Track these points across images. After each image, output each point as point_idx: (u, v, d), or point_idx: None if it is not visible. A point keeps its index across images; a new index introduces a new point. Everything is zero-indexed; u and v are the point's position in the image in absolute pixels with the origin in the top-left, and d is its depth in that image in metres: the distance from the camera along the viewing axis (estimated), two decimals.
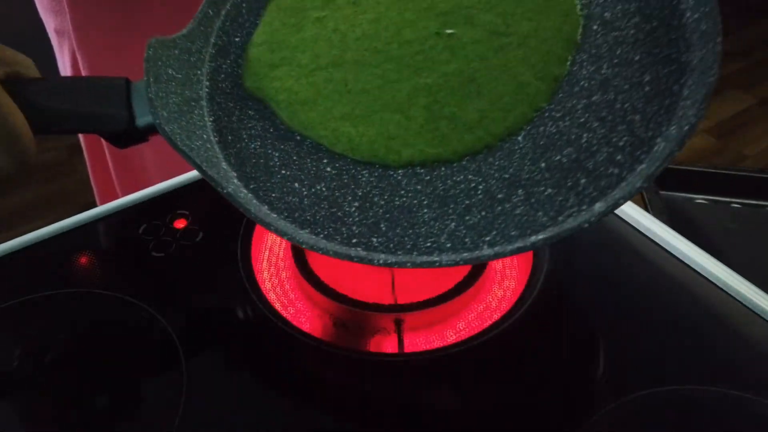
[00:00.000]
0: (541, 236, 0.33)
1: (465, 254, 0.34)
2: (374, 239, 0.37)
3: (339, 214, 0.39)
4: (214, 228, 0.53)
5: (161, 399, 0.41)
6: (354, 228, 0.37)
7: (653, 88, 0.37)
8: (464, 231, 0.36)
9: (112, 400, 0.42)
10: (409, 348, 0.46)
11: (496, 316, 0.46)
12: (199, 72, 0.43)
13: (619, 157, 0.35)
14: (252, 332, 0.46)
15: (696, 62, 0.36)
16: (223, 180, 0.37)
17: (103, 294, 0.48)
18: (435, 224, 0.37)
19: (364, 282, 0.50)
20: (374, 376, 0.43)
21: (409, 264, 0.34)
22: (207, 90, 0.42)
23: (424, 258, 0.34)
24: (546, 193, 0.36)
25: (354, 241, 0.37)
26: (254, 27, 0.46)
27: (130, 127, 0.39)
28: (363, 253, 0.35)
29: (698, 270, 0.49)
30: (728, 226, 0.77)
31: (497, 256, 0.33)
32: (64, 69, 0.75)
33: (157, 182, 0.58)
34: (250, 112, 0.43)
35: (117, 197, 0.57)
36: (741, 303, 0.46)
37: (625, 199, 0.33)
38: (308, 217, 0.38)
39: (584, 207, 0.34)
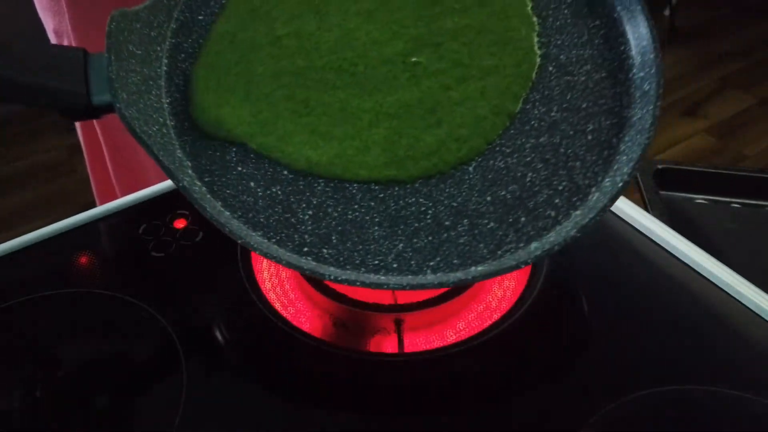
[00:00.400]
0: (480, 269, 0.36)
1: (409, 277, 0.36)
2: (325, 250, 0.37)
3: (293, 220, 0.39)
4: (214, 228, 0.53)
5: (161, 399, 0.41)
6: (306, 237, 0.38)
7: (595, 137, 0.40)
8: (411, 253, 0.37)
9: (113, 399, 0.42)
10: (409, 348, 0.46)
11: (496, 316, 0.46)
12: (159, 48, 0.41)
13: (557, 201, 0.38)
14: (252, 332, 0.46)
15: (635, 120, 0.39)
16: (179, 171, 0.36)
17: (103, 294, 0.48)
18: (384, 243, 0.38)
19: None
20: (374, 376, 0.43)
21: (358, 283, 0.35)
22: (165, 69, 0.41)
23: (373, 278, 0.36)
24: (489, 226, 0.38)
25: (305, 249, 0.37)
26: (219, 7, 0.44)
27: (86, 104, 0.37)
28: (313, 265, 0.36)
29: (698, 270, 0.49)
30: (728, 226, 0.77)
31: (440, 285, 0.35)
32: None
33: (156, 182, 0.58)
34: None
35: (116, 197, 0.57)
36: (741, 303, 0.46)
37: (559, 245, 0.35)
38: (262, 220, 0.38)
39: (521, 245, 0.37)
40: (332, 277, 0.35)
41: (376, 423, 0.41)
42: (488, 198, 0.39)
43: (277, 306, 0.47)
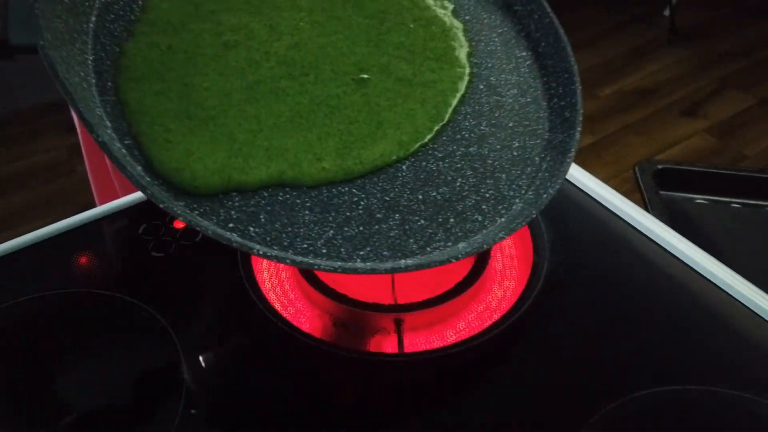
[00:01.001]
0: (410, 261, 0.37)
1: (339, 263, 0.36)
2: (251, 228, 0.37)
3: (220, 195, 0.38)
4: None
5: (161, 399, 0.41)
6: (232, 212, 0.37)
7: (520, 154, 0.44)
8: (341, 241, 0.38)
9: (112, 400, 0.42)
10: (409, 348, 0.46)
11: (496, 316, 0.46)
12: (87, 3, 0.40)
13: (484, 207, 0.41)
14: (252, 332, 0.46)
15: (557, 143, 0.44)
16: (99, 128, 0.35)
17: (103, 294, 0.48)
18: (314, 228, 0.38)
19: (364, 282, 0.50)
20: (374, 376, 0.43)
21: (288, 261, 0.35)
22: (93, 26, 0.40)
23: (302, 258, 0.36)
24: (419, 223, 0.39)
25: (230, 225, 0.37)
26: None
27: (1, 41, 0.36)
28: (239, 240, 0.35)
29: (698, 270, 0.49)
30: (728, 226, 0.77)
31: (372, 272, 0.35)
32: None
33: None
34: None
35: (116, 197, 0.57)
36: (741, 303, 0.46)
37: (488, 245, 0.38)
38: (182, 176, 0.37)
39: (450, 243, 0.39)
40: (261, 253, 0.34)
41: (376, 423, 0.41)
42: (419, 196, 0.41)
43: (277, 306, 0.47)
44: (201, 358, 0.43)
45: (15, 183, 1.60)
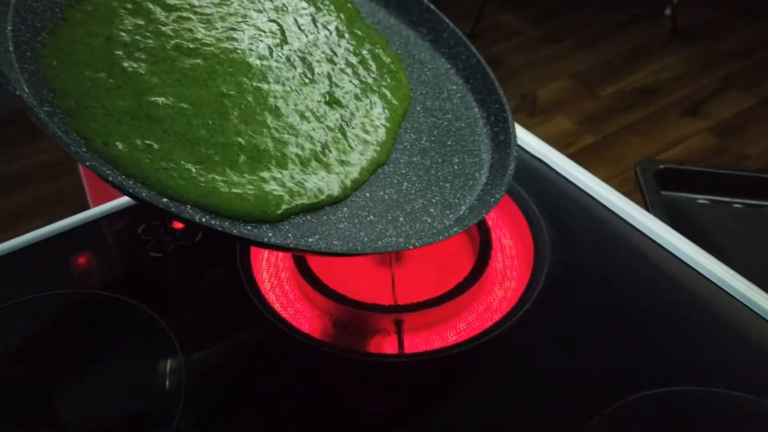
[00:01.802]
0: (368, 250, 0.38)
1: (292, 243, 0.36)
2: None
3: None
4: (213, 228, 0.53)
5: (160, 399, 0.41)
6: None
7: (460, 168, 0.46)
8: (287, 227, 0.37)
9: (112, 400, 0.42)
10: (409, 348, 0.46)
11: (497, 317, 0.46)
12: None
13: (432, 210, 0.42)
14: (251, 333, 0.46)
15: (494, 162, 0.46)
16: (17, 83, 0.34)
17: (102, 294, 0.48)
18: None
19: (363, 282, 0.50)
20: (374, 376, 0.43)
21: (235, 232, 0.34)
22: (14, 0, 0.39)
23: (248, 230, 0.35)
24: (368, 218, 0.40)
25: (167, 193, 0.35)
26: None
27: None
28: (180, 208, 0.34)
29: (698, 270, 0.49)
30: (729, 226, 0.77)
31: (327, 252, 0.36)
32: None
33: None
34: None
35: (110, 198, 0.57)
36: (741, 303, 0.46)
37: (436, 240, 0.39)
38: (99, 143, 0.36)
39: (401, 239, 0.39)
40: (201, 220, 0.33)
41: (376, 423, 0.41)
42: (367, 194, 0.42)
43: (277, 307, 0.47)
44: (201, 359, 0.43)
45: (15, 183, 1.60)
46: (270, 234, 0.36)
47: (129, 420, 0.41)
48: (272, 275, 0.51)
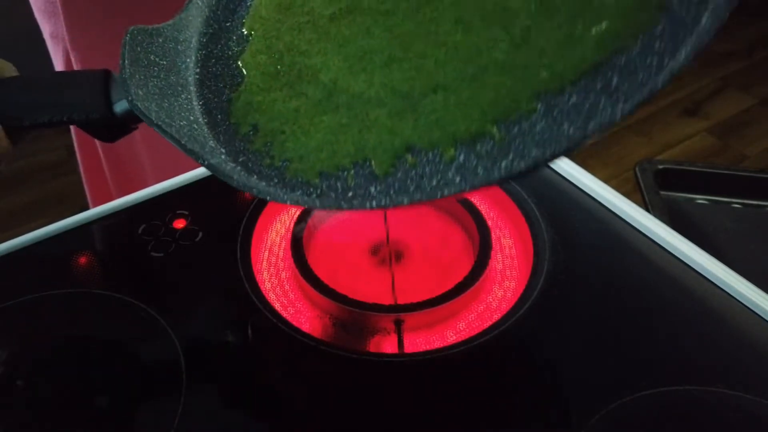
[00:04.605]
0: (574, 140, 0.29)
1: (475, 180, 0.31)
2: (372, 188, 0.34)
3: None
4: (213, 228, 0.53)
5: (161, 399, 0.41)
6: (349, 181, 0.35)
7: None
8: (475, 161, 0.31)
9: (112, 400, 0.42)
10: (409, 348, 0.46)
11: (497, 317, 0.46)
12: (188, 60, 0.42)
13: (657, 45, 0.30)
14: (251, 332, 0.46)
15: None
16: (207, 154, 0.35)
17: (102, 294, 0.48)
18: (440, 160, 0.33)
19: (364, 282, 0.50)
20: (374, 376, 0.43)
21: (405, 200, 0.31)
22: (197, 76, 0.42)
23: (444, 189, 0.31)
24: (571, 102, 0.31)
25: (350, 194, 0.34)
26: (245, 11, 0.44)
27: (108, 114, 0.38)
28: (359, 202, 0.33)
29: (698, 270, 0.49)
30: (729, 226, 0.77)
31: (509, 173, 0.30)
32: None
33: (153, 182, 0.58)
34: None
35: (110, 198, 0.57)
36: (741, 303, 0.46)
37: (666, 82, 0.26)
38: (301, 179, 0.36)
39: (618, 105, 0.29)
40: (374, 204, 0.32)
41: (376, 423, 0.41)
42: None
43: (277, 306, 0.47)
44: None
45: (15, 183, 1.60)
46: (457, 179, 0.31)
47: (129, 420, 0.41)
48: (272, 275, 0.51)
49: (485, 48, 0.33)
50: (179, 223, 0.53)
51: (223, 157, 0.38)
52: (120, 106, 0.38)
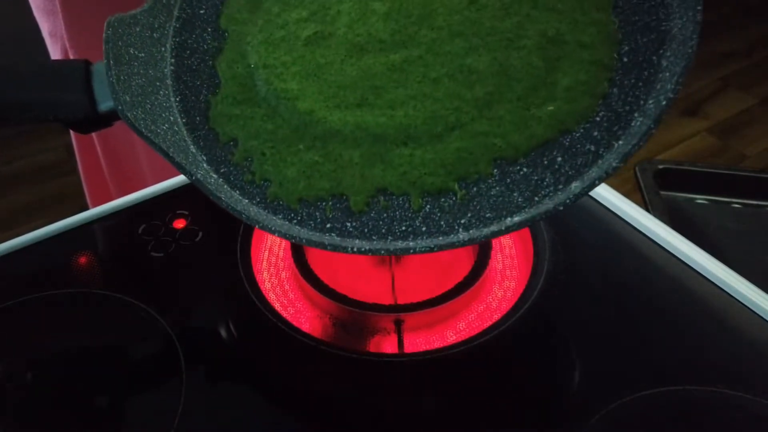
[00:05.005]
0: (516, 218, 0.33)
1: (440, 239, 0.34)
2: (348, 224, 0.36)
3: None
4: (213, 228, 0.53)
5: (161, 399, 0.41)
6: (328, 212, 0.37)
7: (631, 59, 0.36)
8: (439, 214, 0.35)
9: (112, 400, 0.42)
10: (409, 348, 0.46)
11: (497, 317, 0.46)
12: (163, 49, 0.41)
13: (595, 133, 0.35)
14: (251, 332, 0.46)
15: (675, 31, 0.35)
16: (192, 166, 0.36)
17: (103, 294, 0.48)
18: (409, 206, 0.36)
19: (364, 282, 0.50)
20: (374, 376, 0.43)
21: (383, 251, 0.34)
22: (172, 68, 0.41)
23: (399, 244, 0.35)
24: (522, 172, 0.35)
25: (328, 226, 0.36)
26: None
27: (92, 113, 0.37)
28: (337, 240, 0.35)
29: (698, 270, 0.49)
30: (728, 226, 0.77)
31: (472, 241, 0.34)
32: None
33: (152, 182, 0.58)
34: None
35: (110, 199, 0.57)
36: (741, 303, 0.46)
37: (600, 180, 0.32)
38: (281, 202, 0.38)
39: (560, 186, 0.34)
40: (354, 250, 0.34)
41: (376, 423, 0.41)
42: None
43: (277, 306, 0.47)
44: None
45: (15, 183, 1.60)
46: (423, 228, 0.35)
47: (129, 420, 0.41)
48: (272, 275, 0.51)
49: (452, 108, 0.37)
50: (179, 223, 0.53)
51: (204, 165, 0.38)
52: (105, 106, 0.37)
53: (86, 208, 0.56)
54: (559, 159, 0.35)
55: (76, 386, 0.43)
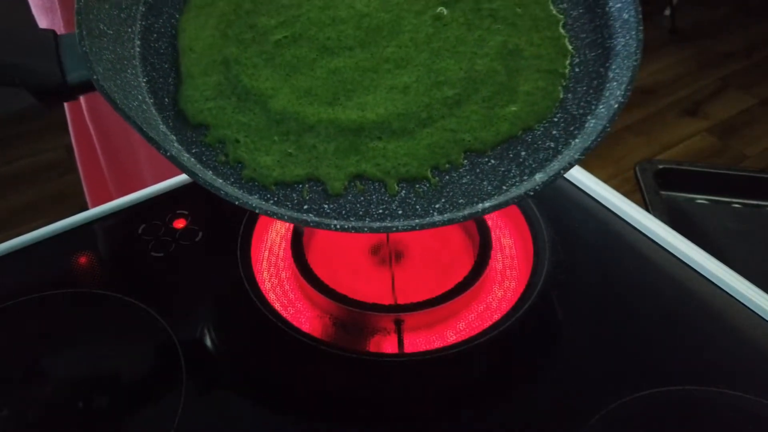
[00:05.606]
0: (487, 204, 0.36)
1: (417, 220, 0.36)
2: (326, 206, 0.37)
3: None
4: (213, 228, 0.53)
5: (161, 399, 0.41)
6: (305, 194, 0.38)
7: (582, 69, 0.41)
8: (414, 199, 0.37)
9: (112, 400, 0.42)
10: (409, 348, 0.46)
11: (497, 317, 0.46)
12: (130, 30, 0.41)
13: (554, 132, 0.39)
14: (251, 332, 0.46)
15: (620, 48, 0.41)
16: (165, 143, 0.36)
17: (103, 294, 0.48)
18: (385, 191, 0.38)
19: (364, 282, 0.50)
20: (374, 376, 0.43)
21: (366, 229, 0.35)
22: (139, 50, 0.41)
23: (379, 224, 0.36)
24: (489, 163, 0.39)
25: (305, 207, 0.37)
26: None
27: (61, 83, 0.37)
28: (316, 219, 0.36)
29: (698, 270, 0.49)
30: (728, 226, 0.77)
31: (451, 221, 0.35)
32: None
33: (151, 182, 0.58)
34: None
35: (109, 199, 0.57)
36: (741, 303, 0.46)
37: (565, 170, 0.36)
38: (256, 183, 0.38)
39: (525, 177, 0.38)
40: (338, 227, 0.35)
41: (375, 423, 0.41)
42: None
43: (277, 306, 0.47)
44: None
45: (15, 183, 1.60)
46: (399, 212, 0.37)
47: (129, 420, 0.41)
48: (272, 275, 0.51)
49: (423, 105, 0.40)
50: (179, 223, 0.53)
51: (176, 144, 0.38)
52: (74, 77, 0.37)
53: (86, 208, 0.56)
54: (523, 153, 0.39)
55: (76, 386, 0.43)
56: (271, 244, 0.53)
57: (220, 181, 0.37)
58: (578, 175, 0.57)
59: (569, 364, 0.43)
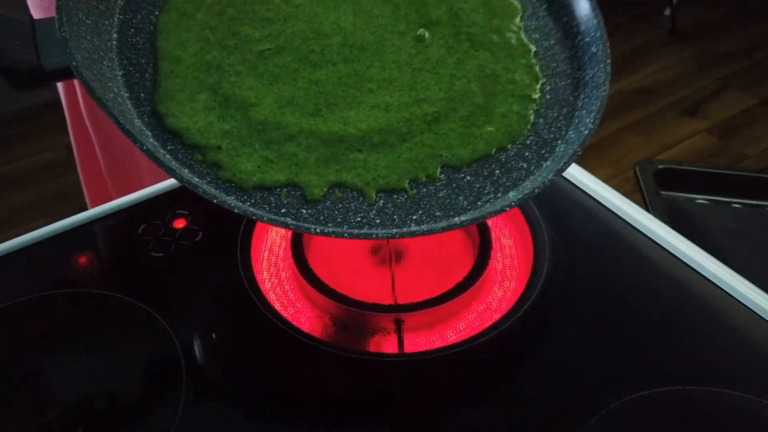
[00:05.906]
0: (464, 217, 0.38)
1: (396, 229, 0.37)
2: (303, 210, 0.38)
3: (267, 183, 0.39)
4: (213, 228, 0.53)
5: (161, 399, 0.41)
6: (282, 198, 0.38)
7: (553, 96, 0.44)
8: (392, 209, 0.38)
9: (112, 399, 0.42)
10: (409, 348, 0.46)
11: (497, 317, 0.46)
12: (107, 22, 0.41)
13: (527, 154, 0.41)
14: (251, 332, 0.46)
15: (588, 79, 0.43)
16: (141, 136, 0.36)
17: (103, 294, 0.48)
18: (363, 200, 0.39)
19: (364, 282, 0.50)
20: (374, 376, 0.43)
21: (346, 235, 0.36)
22: (116, 43, 0.41)
23: (358, 231, 0.37)
24: (465, 179, 0.40)
25: (283, 210, 0.37)
26: None
27: (36, 67, 0.37)
28: (294, 223, 0.36)
29: (698, 270, 0.49)
30: (728, 226, 0.77)
31: (429, 232, 0.36)
32: None
33: (150, 182, 0.57)
34: None
35: (109, 199, 0.57)
36: (741, 303, 0.46)
37: (538, 189, 0.37)
38: (233, 185, 0.38)
39: (499, 195, 0.39)
40: (317, 231, 0.35)
41: (375, 423, 0.41)
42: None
43: (277, 306, 0.47)
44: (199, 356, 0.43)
45: (15, 183, 1.60)
46: (377, 221, 0.38)
47: (129, 420, 0.41)
48: (272, 275, 0.51)
49: (404, 121, 0.41)
50: (179, 223, 0.53)
51: (151, 140, 0.38)
52: (50, 63, 0.37)
53: (86, 208, 0.56)
54: (497, 171, 0.41)
55: (76, 386, 0.43)
56: (271, 244, 0.53)
57: (197, 179, 0.37)
58: (578, 175, 0.57)
59: (569, 364, 0.43)
